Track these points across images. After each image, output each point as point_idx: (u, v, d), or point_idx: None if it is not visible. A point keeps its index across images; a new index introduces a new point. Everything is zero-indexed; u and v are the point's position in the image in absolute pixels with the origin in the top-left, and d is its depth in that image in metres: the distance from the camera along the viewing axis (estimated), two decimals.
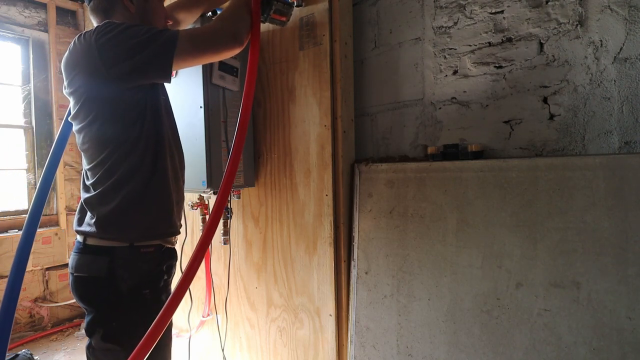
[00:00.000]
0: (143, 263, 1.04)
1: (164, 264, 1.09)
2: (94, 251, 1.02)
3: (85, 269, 1.01)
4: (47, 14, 2.88)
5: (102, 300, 1.01)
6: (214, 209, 0.95)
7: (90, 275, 1.01)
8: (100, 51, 0.94)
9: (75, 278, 1.03)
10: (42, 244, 2.77)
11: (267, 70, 1.65)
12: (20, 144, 2.84)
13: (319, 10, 1.44)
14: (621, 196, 0.96)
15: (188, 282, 0.89)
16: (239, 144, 1.01)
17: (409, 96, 1.45)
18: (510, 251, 1.10)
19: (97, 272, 1.00)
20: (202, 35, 1.03)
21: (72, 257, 1.05)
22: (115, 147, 1.00)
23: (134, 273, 1.02)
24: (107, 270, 0.99)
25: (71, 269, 1.04)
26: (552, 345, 1.02)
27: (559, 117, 1.14)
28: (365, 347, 1.38)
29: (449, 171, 1.24)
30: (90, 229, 1.02)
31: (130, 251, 1.02)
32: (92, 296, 1.02)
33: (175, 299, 0.86)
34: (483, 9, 1.27)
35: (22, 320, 2.71)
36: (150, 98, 1.04)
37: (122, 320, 1.00)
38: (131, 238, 1.02)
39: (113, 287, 1.00)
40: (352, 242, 1.44)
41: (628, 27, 1.03)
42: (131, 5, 1.07)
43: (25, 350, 1.88)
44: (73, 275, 1.03)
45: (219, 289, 1.88)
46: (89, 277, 1.01)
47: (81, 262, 1.02)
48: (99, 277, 1.00)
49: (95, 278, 1.00)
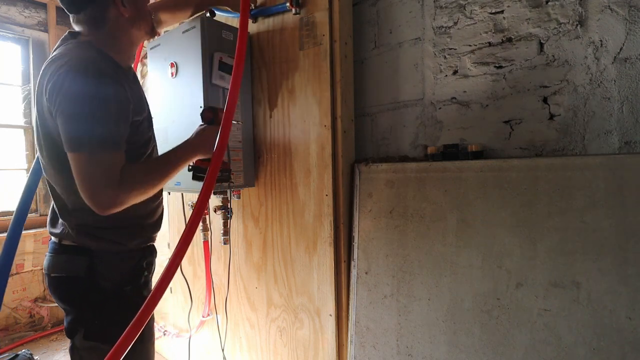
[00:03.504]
0: (123, 261, 1.05)
1: (143, 261, 1.10)
2: (71, 251, 1.01)
3: (64, 269, 1.01)
4: (47, 14, 2.88)
5: (82, 299, 1.01)
6: (194, 211, 0.96)
7: (69, 275, 1.00)
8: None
9: (52, 279, 1.02)
10: (42, 244, 2.77)
11: (267, 70, 1.64)
12: (20, 144, 2.84)
13: (319, 10, 1.44)
14: (621, 196, 0.96)
15: (168, 280, 0.90)
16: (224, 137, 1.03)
17: (409, 96, 1.45)
18: (510, 251, 1.10)
19: (76, 271, 1.00)
20: (137, 182, 0.97)
21: (47, 258, 1.04)
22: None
23: (114, 271, 1.02)
24: (86, 269, 0.99)
25: (47, 269, 1.03)
26: (552, 345, 1.02)
27: (559, 117, 1.14)
28: (365, 347, 1.38)
29: (449, 171, 1.24)
30: (66, 231, 1.01)
31: (109, 250, 1.03)
32: (72, 296, 1.02)
33: (155, 295, 0.87)
34: (483, 9, 1.27)
35: (22, 320, 2.71)
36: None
37: (104, 317, 1.00)
38: (109, 239, 1.02)
39: (93, 285, 1.00)
40: (352, 242, 1.44)
41: (628, 27, 1.03)
42: (125, 10, 1.03)
43: (25, 350, 1.88)
44: (50, 276, 1.03)
45: (219, 289, 1.88)
46: (67, 277, 1.01)
47: (58, 262, 1.02)
48: (78, 276, 0.99)
49: (75, 277, 1.00)
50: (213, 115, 1.19)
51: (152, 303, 0.86)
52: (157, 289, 0.88)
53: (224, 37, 1.53)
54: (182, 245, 0.92)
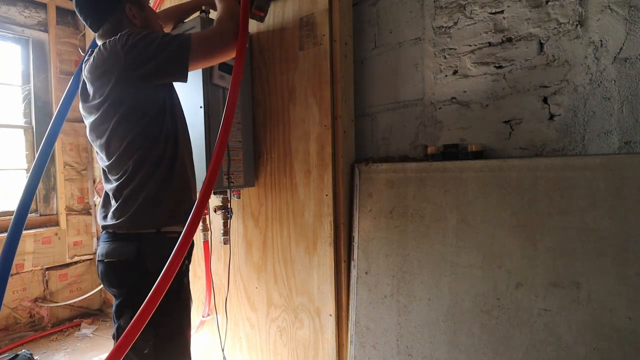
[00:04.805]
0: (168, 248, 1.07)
1: None
2: (124, 238, 1.11)
3: (116, 254, 1.10)
4: (47, 14, 2.88)
5: (131, 282, 1.09)
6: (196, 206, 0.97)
7: (120, 260, 1.10)
8: (127, 56, 1.05)
9: (105, 264, 1.12)
10: (42, 244, 2.77)
11: (267, 70, 1.65)
12: (20, 144, 2.84)
13: (319, 10, 1.44)
14: (621, 196, 0.96)
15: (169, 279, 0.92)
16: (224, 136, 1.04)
17: (409, 96, 1.45)
18: (510, 251, 1.10)
19: (127, 255, 1.09)
20: (211, 38, 1.13)
21: (101, 246, 1.14)
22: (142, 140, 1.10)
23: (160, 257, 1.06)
24: (136, 253, 1.09)
25: (100, 256, 1.13)
26: (552, 345, 1.02)
27: (559, 117, 1.14)
28: (365, 347, 1.38)
29: (449, 171, 1.24)
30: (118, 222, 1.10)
31: (157, 236, 1.11)
32: (122, 279, 1.11)
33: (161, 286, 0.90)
34: (483, 9, 1.27)
35: (22, 320, 2.71)
36: (168, 96, 1.17)
37: None
38: (158, 224, 1.12)
39: (141, 268, 1.08)
40: (352, 242, 1.44)
41: (628, 27, 1.03)
42: (136, 20, 1.18)
43: (25, 350, 1.88)
44: (103, 262, 1.12)
45: (219, 289, 1.88)
46: (119, 262, 1.10)
47: (112, 248, 1.11)
48: (128, 260, 1.09)
49: (125, 262, 1.09)
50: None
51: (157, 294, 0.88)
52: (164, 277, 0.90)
53: None
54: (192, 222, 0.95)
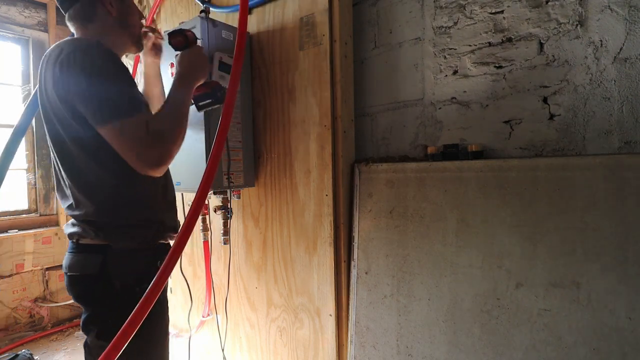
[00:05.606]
0: (137, 260, 1.03)
1: (157, 260, 1.09)
2: (87, 249, 1.02)
3: (79, 267, 1.02)
4: (47, 14, 2.88)
5: (95, 298, 1.02)
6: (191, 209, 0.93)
7: (83, 274, 1.01)
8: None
9: (69, 277, 1.04)
10: (42, 244, 2.77)
11: (267, 71, 1.64)
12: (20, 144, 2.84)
13: (319, 10, 1.44)
14: (621, 196, 0.96)
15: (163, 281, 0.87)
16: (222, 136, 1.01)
17: (409, 96, 1.45)
18: (510, 251, 1.10)
19: (90, 270, 1.00)
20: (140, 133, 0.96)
21: (66, 256, 1.06)
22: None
23: (127, 270, 1.02)
24: (99, 268, 0.99)
25: (65, 268, 1.05)
26: (552, 345, 1.02)
27: (559, 117, 1.14)
28: (365, 347, 1.38)
29: (449, 171, 1.24)
30: (81, 230, 1.02)
31: (124, 248, 1.02)
32: (86, 294, 1.03)
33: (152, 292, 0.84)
34: (483, 9, 1.27)
35: (22, 320, 2.71)
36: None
37: (116, 318, 0.98)
38: (124, 237, 1.02)
39: (106, 285, 1.00)
40: (352, 242, 1.44)
41: (628, 27, 1.03)
42: (112, 9, 1.08)
43: (25, 350, 1.88)
44: (67, 275, 1.04)
45: (219, 289, 1.88)
46: (82, 276, 1.02)
47: (74, 261, 1.03)
48: (91, 275, 1.00)
49: (89, 276, 1.01)
50: (182, 37, 1.15)
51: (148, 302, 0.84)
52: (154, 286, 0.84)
53: (224, 37, 1.53)
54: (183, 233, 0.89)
